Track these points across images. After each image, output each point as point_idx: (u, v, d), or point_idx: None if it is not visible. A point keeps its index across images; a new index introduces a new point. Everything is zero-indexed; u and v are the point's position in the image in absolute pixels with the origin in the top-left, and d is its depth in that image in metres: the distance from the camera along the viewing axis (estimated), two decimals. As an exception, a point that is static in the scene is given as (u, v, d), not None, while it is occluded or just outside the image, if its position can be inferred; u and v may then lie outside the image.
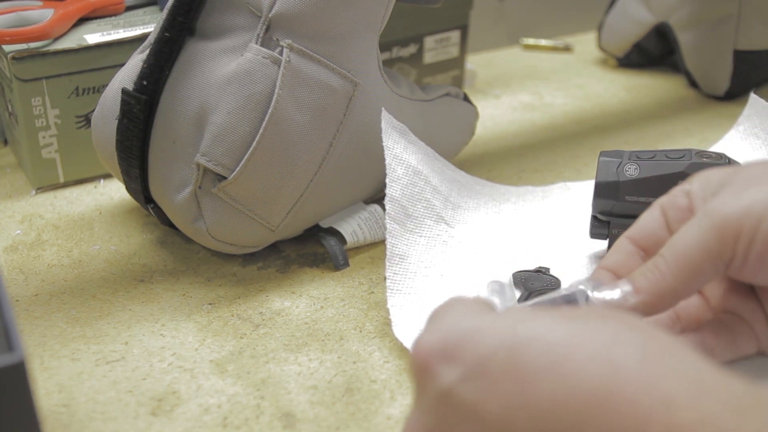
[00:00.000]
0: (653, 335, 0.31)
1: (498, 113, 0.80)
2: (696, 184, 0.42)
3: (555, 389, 0.30)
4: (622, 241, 0.44)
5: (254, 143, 0.51)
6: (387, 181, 0.53)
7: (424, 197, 0.56)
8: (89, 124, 0.64)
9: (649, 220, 0.43)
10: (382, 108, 0.55)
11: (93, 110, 0.62)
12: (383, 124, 0.54)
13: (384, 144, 0.54)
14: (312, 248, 0.58)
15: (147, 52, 0.53)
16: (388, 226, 0.53)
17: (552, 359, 0.30)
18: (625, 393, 0.29)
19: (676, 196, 0.42)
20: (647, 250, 0.43)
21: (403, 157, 0.55)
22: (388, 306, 0.51)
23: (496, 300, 0.51)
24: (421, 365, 0.33)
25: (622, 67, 0.90)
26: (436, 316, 0.35)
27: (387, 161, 0.54)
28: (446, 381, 0.32)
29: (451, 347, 0.32)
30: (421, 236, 0.55)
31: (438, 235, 0.56)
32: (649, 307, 0.40)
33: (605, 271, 0.43)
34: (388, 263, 0.52)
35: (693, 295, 0.44)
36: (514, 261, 0.56)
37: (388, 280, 0.51)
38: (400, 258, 0.53)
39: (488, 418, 0.31)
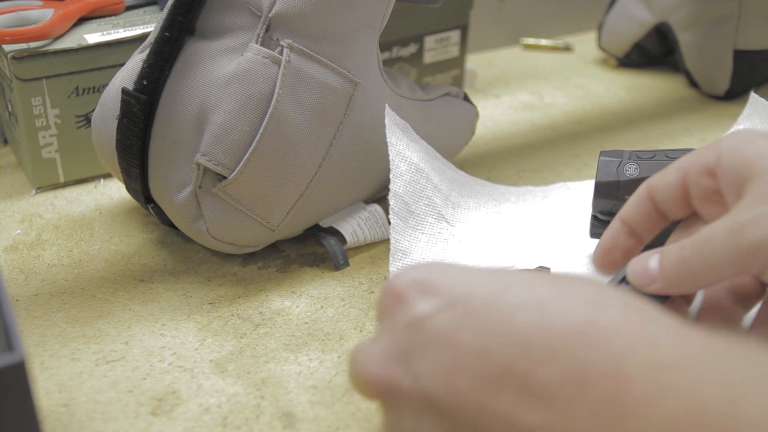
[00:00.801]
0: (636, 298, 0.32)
1: (498, 113, 0.80)
2: (724, 159, 0.40)
3: (534, 321, 0.30)
4: (644, 196, 0.43)
5: (254, 143, 0.51)
6: (391, 176, 0.53)
7: (425, 195, 0.56)
8: (89, 124, 0.64)
9: (667, 189, 0.42)
10: (386, 105, 0.55)
11: (93, 110, 0.62)
12: (387, 121, 0.54)
13: (387, 140, 0.54)
14: (312, 248, 0.58)
15: (147, 51, 0.53)
16: (391, 221, 0.53)
17: (535, 297, 0.31)
18: (606, 331, 0.29)
19: (701, 173, 0.41)
20: (663, 214, 0.43)
21: (406, 153, 0.55)
22: None
23: None
24: (395, 294, 0.33)
25: (622, 67, 0.90)
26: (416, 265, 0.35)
27: (390, 157, 0.54)
28: (421, 309, 0.32)
29: (431, 282, 0.33)
30: (422, 233, 0.55)
31: (439, 233, 0.56)
32: (670, 290, 0.40)
33: (623, 224, 0.43)
34: (391, 258, 0.52)
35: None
36: (514, 260, 0.56)
37: (390, 276, 0.51)
38: (402, 254, 0.53)
39: (461, 347, 0.31)
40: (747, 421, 0.26)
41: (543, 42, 0.95)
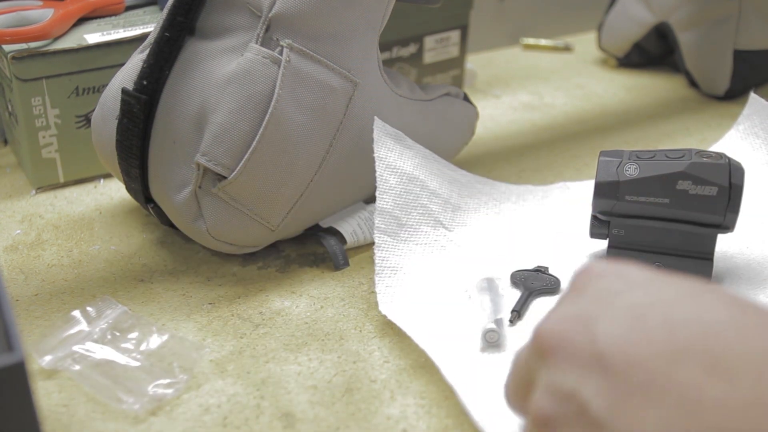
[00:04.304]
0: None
1: (498, 113, 0.80)
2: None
3: (722, 305, 0.32)
4: None
5: (254, 143, 0.51)
6: (377, 193, 0.53)
7: (420, 203, 0.55)
8: (89, 124, 0.64)
9: None
10: (375, 117, 0.55)
11: (93, 110, 0.62)
12: (375, 134, 0.54)
13: (375, 155, 0.54)
14: (312, 248, 0.58)
15: (147, 51, 0.53)
16: (376, 239, 0.52)
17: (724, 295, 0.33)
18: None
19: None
20: None
21: (397, 165, 0.55)
22: (380, 310, 0.50)
23: (486, 297, 0.51)
24: (593, 273, 0.36)
25: (622, 67, 0.90)
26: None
27: (378, 173, 0.53)
28: (615, 286, 0.34)
29: (629, 270, 0.35)
30: (416, 244, 0.54)
31: (436, 240, 0.56)
32: None
33: None
34: (377, 278, 0.51)
35: None
36: (513, 260, 0.56)
37: (379, 295, 0.51)
38: (391, 270, 0.52)
39: (647, 318, 0.32)
40: None
41: (543, 42, 0.95)
